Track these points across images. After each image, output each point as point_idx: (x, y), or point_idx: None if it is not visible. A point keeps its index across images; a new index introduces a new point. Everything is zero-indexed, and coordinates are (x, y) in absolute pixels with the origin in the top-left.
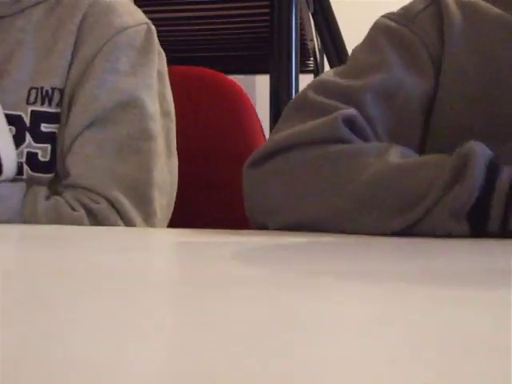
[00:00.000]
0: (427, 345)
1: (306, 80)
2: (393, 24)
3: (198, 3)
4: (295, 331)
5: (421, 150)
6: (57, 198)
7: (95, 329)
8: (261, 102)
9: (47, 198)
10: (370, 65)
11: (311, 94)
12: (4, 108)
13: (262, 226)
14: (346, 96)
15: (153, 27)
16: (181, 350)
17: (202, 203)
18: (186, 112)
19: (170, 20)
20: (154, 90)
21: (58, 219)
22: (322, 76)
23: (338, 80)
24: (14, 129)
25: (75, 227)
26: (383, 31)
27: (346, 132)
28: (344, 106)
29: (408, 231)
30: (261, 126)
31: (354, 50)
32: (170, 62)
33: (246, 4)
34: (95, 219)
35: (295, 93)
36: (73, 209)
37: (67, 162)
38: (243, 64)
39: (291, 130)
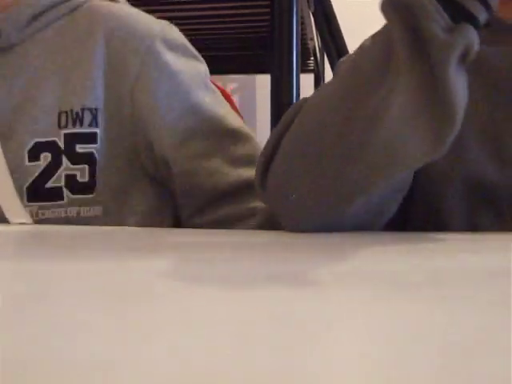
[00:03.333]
0: (427, 344)
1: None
2: None
3: (197, 3)
4: (295, 331)
5: None
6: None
7: (95, 329)
8: (261, 102)
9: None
10: None
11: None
12: (37, 136)
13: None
14: None
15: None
16: (180, 350)
17: None
18: None
19: (170, 20)
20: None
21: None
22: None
23: None
24: (49, 155)
25: (68, 227)
26: None
27: None
28: None
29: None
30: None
31: None
32: None
33: (247, 3)
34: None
35: (296, 92)
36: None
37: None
38: (243, 64)
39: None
